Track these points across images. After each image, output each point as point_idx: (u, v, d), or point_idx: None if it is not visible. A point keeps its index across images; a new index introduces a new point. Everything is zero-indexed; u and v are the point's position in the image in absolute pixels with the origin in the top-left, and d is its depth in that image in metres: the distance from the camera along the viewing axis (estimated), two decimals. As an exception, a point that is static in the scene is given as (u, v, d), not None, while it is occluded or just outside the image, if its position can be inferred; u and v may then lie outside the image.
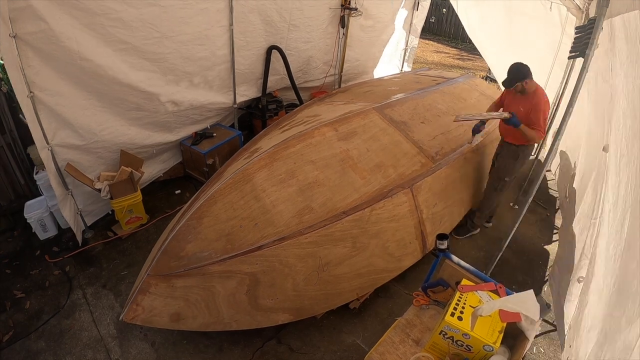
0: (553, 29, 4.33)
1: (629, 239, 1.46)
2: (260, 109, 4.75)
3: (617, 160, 1.88)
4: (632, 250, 1.32)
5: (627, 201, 1.57)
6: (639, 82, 1.64)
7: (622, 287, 1.35)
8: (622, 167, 1.76)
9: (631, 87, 1.75)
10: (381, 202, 2.77)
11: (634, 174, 1.53)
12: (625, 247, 1.46)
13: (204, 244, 2.39)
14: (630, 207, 1.52)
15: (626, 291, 1.25)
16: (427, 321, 2.04)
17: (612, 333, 1.27)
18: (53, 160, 2.99)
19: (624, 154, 1.78)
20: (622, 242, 1.53)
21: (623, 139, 1.83)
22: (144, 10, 3.06)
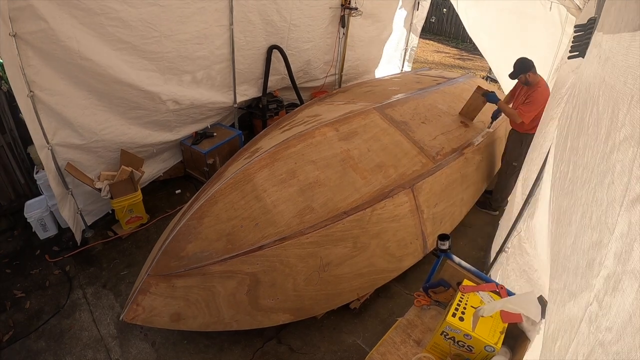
0: (553, 29, 4.33)
1: (561, 212, 1.49)
2: (260, 108, 4.74)
3: (559, 139, 1.92)
4: (565, 224, 1.35)
5: (557, 178, 1.61)
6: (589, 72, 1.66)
7: (560, 261, 1.38)
8: (561, 144, 1.79)
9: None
10: (382, 202, 2.77)
11: (567, 149, 1.55)
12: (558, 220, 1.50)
13: (205, 244, 2.38)
14: (558, 183, 1.55)
15: (564, 265, 1.28)
16: (428, 322, 2.03)
17: (555, 306, 1.30)
18: (53, 160, 2.99)
19: (562, 131, 1.83)
20: (556, 216, 1.57)
21: (561, 125, 1.89)
22: (144, 9, 3.05)
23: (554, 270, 1.35)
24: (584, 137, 1.26)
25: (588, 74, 1.68)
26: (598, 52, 1.56)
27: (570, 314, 0.98)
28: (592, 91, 1.38)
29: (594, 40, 1.88)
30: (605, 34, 1.50)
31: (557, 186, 1.57)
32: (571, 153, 1.40)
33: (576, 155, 1.29)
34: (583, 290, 0.90)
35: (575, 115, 1.58)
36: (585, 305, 0.86)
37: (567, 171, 1.38)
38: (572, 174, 1.30)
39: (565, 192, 1.34)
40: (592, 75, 1.52)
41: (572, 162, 1.34)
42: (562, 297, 1.18)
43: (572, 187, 1.26)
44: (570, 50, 2.52)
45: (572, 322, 0.93)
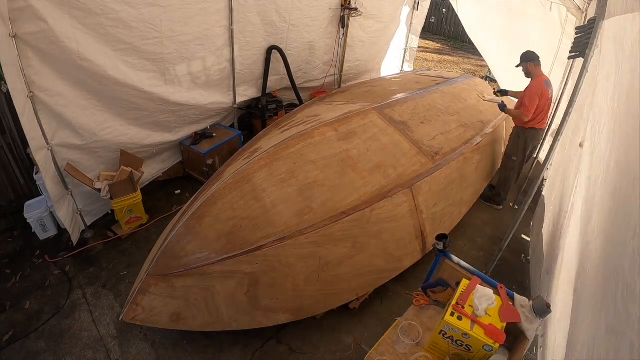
0: (553, 29, 4.34)
1: (592, 234, 1.48)
2: (260, 109, 4.74)
3: (590, 156, 1.92)
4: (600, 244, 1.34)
5: (595, 196, 1.59)
6: (619, 81, 1.65)
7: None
8: (595, 163, 1.79)
9: (612, 86, 1.77)
10: (381, 202, 2.77)
11: (604, 171, 1.54)
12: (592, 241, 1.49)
13: (204, 244, 2.39)
14: (598, 202, 1.53)
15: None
16: (427, 321, 2.04)
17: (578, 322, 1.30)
18: (53, 160, 2.99)
19: (596, 150, 1.82)
20: (587, 237, 1.56)
21: (596, 136, 1.88)
22: (144, 10, 3.06)
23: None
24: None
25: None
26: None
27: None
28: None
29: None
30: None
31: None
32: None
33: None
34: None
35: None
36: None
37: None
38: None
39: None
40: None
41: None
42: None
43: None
44: (571, 50, 2.53)
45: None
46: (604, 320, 1.00)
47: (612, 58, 1.93)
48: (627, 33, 1.63)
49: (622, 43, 1.72)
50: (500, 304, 1.78)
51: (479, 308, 1.73)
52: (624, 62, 1.61)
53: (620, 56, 1.73)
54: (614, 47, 1.92)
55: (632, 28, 1.56)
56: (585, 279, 1.43)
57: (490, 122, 4.18)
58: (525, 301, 1.82)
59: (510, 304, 1.81)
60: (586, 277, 1.42)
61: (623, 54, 1.66)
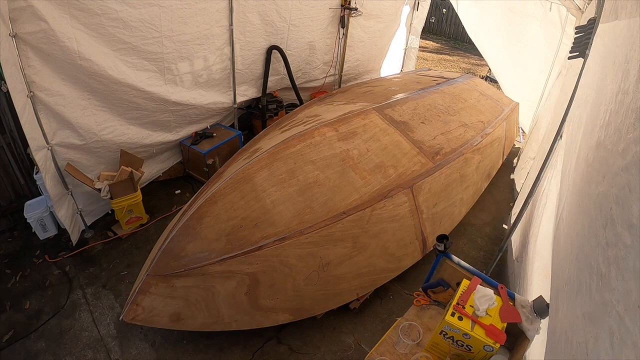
0: (553, 29, 4.34)
1: (563, 224, 1.49)
2: (260, 109, 4.74)
3: (565, 147, 1.93)
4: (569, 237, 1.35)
5: (569, 185, 1.60)
6: (595, 76, 1.66)
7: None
8: (567, 154, 1.80)
9: (589, 79, 1.79)
10: (381, 202, 2.77)
11: (573, 161, 1.55)
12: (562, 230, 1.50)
13: (204, 244, 2.39)
14: (570, 191, 1.54)
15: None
16: (428, 321, 2.04)
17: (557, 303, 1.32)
18: (53, 160, 2.99)
19: (569, 141, 1.84)
20: (559, 227, 1.57)
21: (570, 127, 1.89)
22: (144, 10, 3.06)
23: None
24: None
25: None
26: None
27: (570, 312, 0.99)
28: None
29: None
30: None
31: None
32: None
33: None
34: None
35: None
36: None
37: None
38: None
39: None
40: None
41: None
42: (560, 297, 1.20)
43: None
44: (571, 51, 2.53)
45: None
46: (579, 309, 1.01)
47: (593, 52, 1.96)
48: (611, 31, 1.66)
49: (604, 38, 1.75)
50: (500, 304, 1.78)
51: (480, 308, 1.73)
52: (604, 55, 1.63)
53: (602, 50, 1.76)
54: (601, 42, 1.96)
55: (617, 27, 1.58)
56: (559, 269, 1.44)
57: (491, 122, 4.18)
58: (525, 301, 1.82)
59: (511, 304, 1.81)
60: (560, 267, 1.43)
61: (606, 49, 1.68)
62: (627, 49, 1.18)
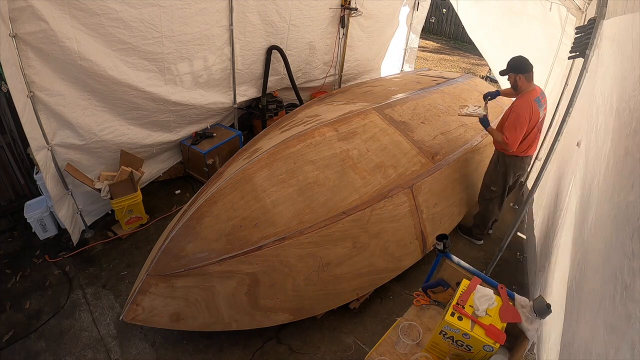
0: (553, 29, 4.33)
1: (590, 234, 1.48)
2: (260, 109, 4.75)
3: (586, 156, 1.92)
4: (593, 246, 1.34)
5: (591, 195, 1.59)
6: (617, 82, 1.65)
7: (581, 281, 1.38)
8: (590, 162, 1.79)
9: (609, 85, 1.77)
10: (381, 202, 2.77)
11: (601, 171, 1.54)
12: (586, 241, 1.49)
13: (204, 244, 2.39)
14: (594, 201, 1.53)
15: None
16: (427, 321, 2.04)
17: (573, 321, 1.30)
18: (53, 160, 2.99)
19: (592, 150, 1.82)
20: (583, 236, 1.56)
21: (593, 135, 1.88)
22: (144, 10, 3.06)
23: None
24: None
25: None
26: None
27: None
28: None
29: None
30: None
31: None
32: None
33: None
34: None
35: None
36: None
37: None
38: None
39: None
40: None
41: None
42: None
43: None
44: (571, 51, 2.52)
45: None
46: (602, 320, 1.00)
47: (609, 58, 1.93)
48: (627, 33, 1.63)
49: (621, 42, 1.72)
50: (500, 304, 1.78)
51: (479, 308, 1.73)
52: (623, 61, 1.62)
53: (618, 56, 1.73)
54: (612, 47, 1.93)
55: (633, 28, 1.56)
56: (582, 279, 1.43)
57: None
58: (525, 301, 1.82)
59: (511, 304, 1.81)
60: (583, 277, 1.43)
61: (622, 54, 1.66)
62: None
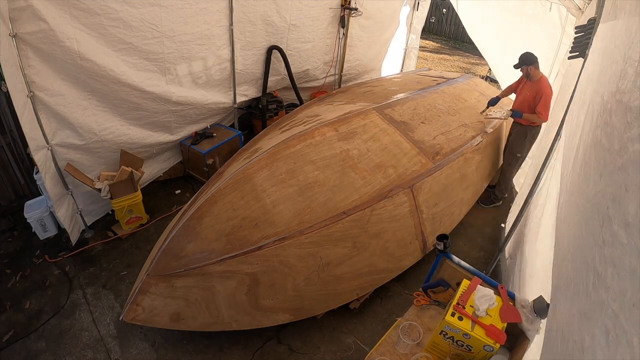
0: (553, 29, 4.33)
1: (560, 223, 1.50)
2: (260, 109, 4.75)
3: (563, 146, 1.94)
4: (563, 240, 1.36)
5: (567, 184, 1.60)
6: (594, 76, 1.66)
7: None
8: (566, 153, 1.81)
9: (584, 79, 1.80)
10: (381, 202, 2.77)
11: (572, 160, 1.56)
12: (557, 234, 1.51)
13: (204, 244, 2.39)
14: (568, 190, 1.55)
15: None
16: (428, 321, 2.04)
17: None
18: (53, 160, 2.99)
19: (568, 139, 1.84)
20: (562, 225, 1.57)
21: (569, 126, 1.90)
22: (144, 10, 3.06)
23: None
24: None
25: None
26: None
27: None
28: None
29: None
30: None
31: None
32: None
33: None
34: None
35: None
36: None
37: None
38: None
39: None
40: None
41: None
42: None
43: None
44: (571, 51, 2.52)
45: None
46: (576, 307, 1.01)
47: (591, 52, 1.98)
48: (610, 31, 1.66)
49: (604, 38, 1.75)
50: (500, 304, 1.78)
51: (480, 308, 1.73)
52: (602, 56, 1.64)
53: (599, 52, 1.76)
54: (598, 42, 1.97)
55: (614, 26, 1.58)
56: (557, 268, 1.44)
57: (491, 122, 4.18)
58: (526, 301, 1.81)
59: (511, 304, 1.81)
60: (558, 266, 1.44)
61: (603, 51, 1.68)
62: (626, 48, 1.18)
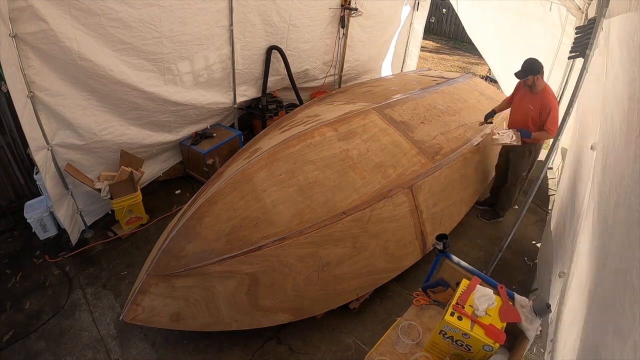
0: (553, 29, 4.34)
1: (607, 238, 1.48)
2: (260, 109, 4.75)
3: (603, 159, 1.91)
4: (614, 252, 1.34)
5: (610, 200, 1.59)
6: (627, 86, 1.64)
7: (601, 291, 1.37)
8: (608, 167, 1.78)
9: (620, 89, 1.77)
10: (381, 202, 2.77)
11: (618, 175, 1.54)
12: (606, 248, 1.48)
13: (204, 244, 2.39)
14: (612, 207, 1.53)
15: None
16: (427, 321, 2.04)
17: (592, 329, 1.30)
18: (53, 160, 2.99)
19: (609, 154, 1.81)
20: (603, 243, 1.55)
21: (610, 139, 1.87)
22: (144, 10, 3.06)
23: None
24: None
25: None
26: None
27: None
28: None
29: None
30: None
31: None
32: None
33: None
34: None
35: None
36: None
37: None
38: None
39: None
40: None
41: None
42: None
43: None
44: (571, 51, 2.53)
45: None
46: (611, 324, 1.01)
47: (616, 60, 1.92)
48: (633, 33, 1.62)
49: (628, 43, 1.71)
50: (500, 304, 1.78)
51: (479, 308, 1.73)
52: (631, 63, 1.61)
53: (625, 57, 1.72)
54: (619, 49, 1.91)
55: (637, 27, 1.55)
56: (596, 284, 1.43)
57: (490, 122, 4.18)
58: (525, 301, 1.82)
59: (510, 304, 1.81)
60: (597, 282, 1.42)
61: (629, 56, 1.65)
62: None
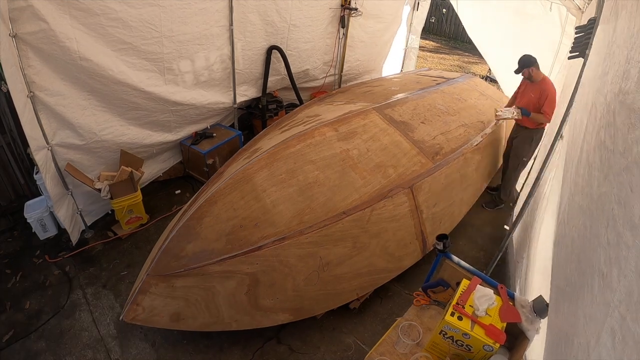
0: (553, 29, 4.33)
1: (563, 225, 1.50)
2: (260, 109, 4.75)
3: (566, 148, 1.95)
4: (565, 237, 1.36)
5: (570, 186, 1.61)
6: (595, 77, 1.67)
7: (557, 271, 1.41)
8: (570, 155, 1.81)
9: (586, 79, 1.82)
10: (381, 202, 2.77)
11: (576, 163, 1.56)
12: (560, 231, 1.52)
13: (204, 244, 2.39)
14: (568, 194, 1.55)
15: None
16: (427, 321, 2.04)
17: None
18: (53, 160, 2.99)
19: (572, 142, 1.85)
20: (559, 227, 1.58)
21: (572, 128, 1.91)
22: (144, 10, 3.06)
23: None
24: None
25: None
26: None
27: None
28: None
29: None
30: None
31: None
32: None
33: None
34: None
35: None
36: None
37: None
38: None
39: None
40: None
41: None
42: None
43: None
44: (571, 51, 2.52)
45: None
46: (581, 310, 1.01)
47: (591, 54, 1.99)
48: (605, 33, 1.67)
49: (604, 38, 1.76)
50: (500, 304, 1.78)
51: (479, 308, 1.73)
52: (599, 59, 1.64)
53: (596, 52, 1.77)
54: (595, 43, 1.98)
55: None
56: (560, 270, 1.44)
57: (491, 122, 4.18)
58: (525, 301, 1.82)
59: (511, 304, 1.81)
60: (561, 268, 1.44)
61: (601, 51, 1.68)
62: (628, 49, 1.18)
